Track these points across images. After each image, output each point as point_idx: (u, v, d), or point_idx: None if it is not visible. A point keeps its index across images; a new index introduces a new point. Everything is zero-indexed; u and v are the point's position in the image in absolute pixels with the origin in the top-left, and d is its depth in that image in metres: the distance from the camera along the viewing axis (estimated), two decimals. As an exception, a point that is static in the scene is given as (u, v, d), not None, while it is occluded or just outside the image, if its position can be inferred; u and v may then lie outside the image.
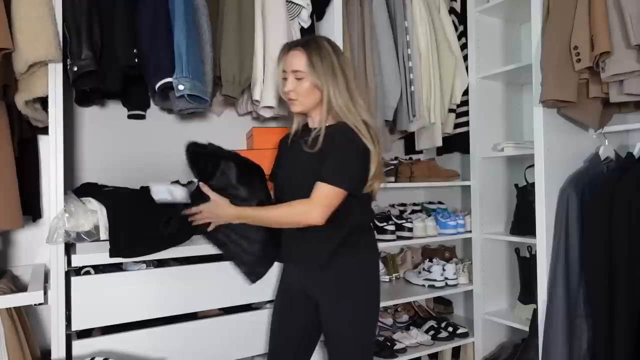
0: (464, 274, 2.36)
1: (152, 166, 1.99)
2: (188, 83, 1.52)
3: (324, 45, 1.43)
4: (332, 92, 1.40)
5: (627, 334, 1.55)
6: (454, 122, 2.37)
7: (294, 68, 1.42)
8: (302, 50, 1.41)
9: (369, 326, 1.45)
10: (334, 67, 1.41)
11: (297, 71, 1.41)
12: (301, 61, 1.41)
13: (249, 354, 1.70)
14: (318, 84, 1.40)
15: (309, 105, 1.46)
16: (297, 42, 1.48)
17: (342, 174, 1.35)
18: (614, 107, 1.85)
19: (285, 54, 1.45)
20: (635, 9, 1.51)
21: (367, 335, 1.45)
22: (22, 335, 1.39)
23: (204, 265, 1.62)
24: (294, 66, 1.42)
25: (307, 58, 1.40)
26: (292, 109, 1.49)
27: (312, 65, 1.39)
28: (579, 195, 1.76)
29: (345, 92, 1.41)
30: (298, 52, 1.42)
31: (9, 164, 1.40)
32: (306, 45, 1.42)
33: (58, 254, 1.39)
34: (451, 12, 2.38)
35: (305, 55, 1.40)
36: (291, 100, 1.46)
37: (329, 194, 1.34)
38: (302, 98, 1.44)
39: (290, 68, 1.43)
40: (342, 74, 1.42)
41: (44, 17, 1.33)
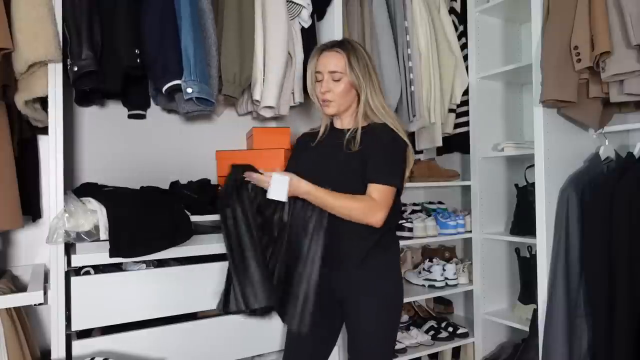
0: (464, 274, 2.36)
1: (152, 166, 1.99)
2: (196, 86, 1.52)
3: (358, 47, 1.46)
4: (370, 92, 1.42)
5: (627, 334, 1.55)
6: (454, 122, 2.37)
7: (331, 69, 1.42)
8: (340, 51, 1.42)
9: (392, 324, 1.48)
10: (369, 68, 1.44)
11: (335, 72, 1.42)
12: (340, 62, 1.41)
13: (249, 354, 1.69)
14: (356, 84, 1.42)
15: (343, 107, 1.47)
16: (331, 43, 1.48)
17: (393, 173, 1.39)
18: (614, 107, 1.85)
19: (319, 55, 1.46)
20: (635, 9, 1.51)
21: (390, 334, 1.47)
22: (22, 335, 1.39)
23: (204, 265, 1.62)
24: (331, 67, 1.42)
25: (346, 58, 1.41)
26: (326, 111, 1.48)
27: (351, 66, 1.41)
28: (579, 195, 1.76)
29: (379, 92, 1.45)
30: (335, 52, 1.43)
31: (9, 164, 1.39)
32: (342, 47, 1.44)
33: (58, 254, 1.39)
34: (451, 12, 2.38)
35: (344, 56, 1.41)
36: (326, 101, 1.45)
37: (387, 195, 1.37)
38: (338, 99, 1.44)
39: (327, 69, 1.43)
40: (375, 75, 1.46)
41: (44, 17, 1.33)
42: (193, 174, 1.96)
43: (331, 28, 1.92)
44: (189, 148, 2.08)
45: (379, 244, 1.43)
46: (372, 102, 1.43)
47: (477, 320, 2.31)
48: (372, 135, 1.42)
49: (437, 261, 2.35)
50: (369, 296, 1.42)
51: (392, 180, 1.38)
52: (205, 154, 2.05)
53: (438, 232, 2.28)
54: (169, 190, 1.79)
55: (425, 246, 2.65)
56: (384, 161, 1.39)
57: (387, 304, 1.44)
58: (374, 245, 1.42)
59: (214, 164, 2.00)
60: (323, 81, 1.44)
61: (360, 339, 1.44)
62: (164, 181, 1.85)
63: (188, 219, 1.55)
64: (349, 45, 1.45)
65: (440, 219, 2.31)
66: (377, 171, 1.38)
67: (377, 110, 1.43)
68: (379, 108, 1.44)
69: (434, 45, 2.22)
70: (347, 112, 1.49)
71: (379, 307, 1.42)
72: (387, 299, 1.44)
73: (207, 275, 1.61)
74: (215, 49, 1.64)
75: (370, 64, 1.45)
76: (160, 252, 1.49)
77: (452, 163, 2.62)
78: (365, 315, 1.42)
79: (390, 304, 1.45)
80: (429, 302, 2.68)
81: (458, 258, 2.55)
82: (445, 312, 2.64)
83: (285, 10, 1.80)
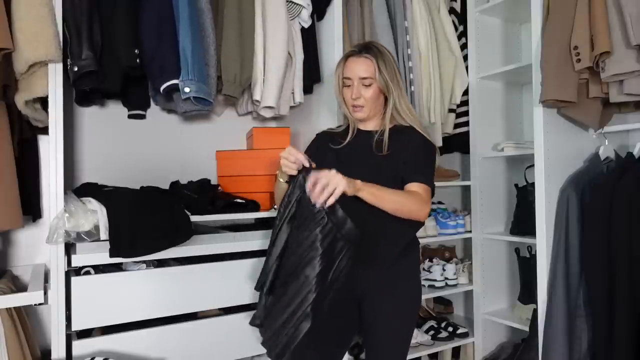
0: (464, 274, 2.36)
1: (152, 166, 1.99)
2: (194, 85, 1.52)
3: (385, 51, 1.48)
4: (397, 96, 1.46)
5: (627, 334, 1.55)
6: (454, 122, 2.37)
7: (361, 75, 1.44)
8: (369, 57, 1.44)
9: (411, 324, 1.50)
10: (396, 71, 1.47)
11: (366, 78, 1.43)
12: (370, 67, 1.43)
13: (249, 354, 1.69)
14: (384, 89, 1.45)
15: (373, 111, 1.49)
16: (358, 48, 1.48)
17: (430, 175, 1.43)
18: (614, 107, 1.85)
19: (345, 61, 1.47)
20: (635, 9, 1.51)
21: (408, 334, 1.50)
22: (22, 335, 1.39)
23: (204, 265, 1.62)
24: (361, 73, 1.44)
25: (375, 64, 1.43)
26: (356, 116, 1.49)
27: (380, 71, 1.43)
28: (579, 195, 1.76)
29: (405, 95, 1.49)
30: (364, 58, 1.44)
31: (9, 164, 1.39)
32: (371, 52, 1.45)
33: (58, 254, 1.39)
34: (451, 12, 2.38)
35: (374, 62, 1.43)
36: (358, 107, 1.47)
37: (429, 194, 1.41)
38: (369, 104, 1.46)
39: (358, 75, 1.44)
40: (400, 77, 1.49)
41: (44, 17, 1.33)
42: (193, 174, 1.96)
43: (331, 28, 1.93)
44: (189, 148, 2.08)
45: (407, 246, 1.47)
46: (400, 106, 1.46)
47: (477, 320, 2.31)
48: (402, 138, 1.45)
49: (437, 261, 2.35)
50: (391, 296, 1.44)
51: (430, 182, 1.42)
52: (205, 154, 2.05)
53: (438, 232, 2.28)
54: (169, 190, 1.79)
55: (425, 246, 2.65)
56: (423, 163, 1.43)
57: (408, 305, 1.47)
58: (404, 248, 1.46)
59: (214, 164, 2.00)
60: (353, 87, 1.45)
61: (380, 337, 1.45)
62: (164, 181, 1.85)
63: (188, 219, 1.55)
64: (376, 49, 1.46)
65: (440, 219, 2.31)
66: (417, 172, 1.40)
67: (404, 113, 1.47)
68: (406, 111, 1.47)
69: (434, 45, 2.22)
70: (375, 116, 1.51)
71: (401, 307, 1.44)
72: (408, 299, 1.47)
73: (207, 275, 1.61)
74: (214, 49, 1.64)
75: (396, 67, 1.48)
76: (160, 252, 1.49)
77: (452, 163, 2.63)
78: (387, 314, 1.43)
79: (410, 304, 1.48)
80: (428, 302, 2.68)
81: (458, 258, 2.55)
82: (445, 312, 2.64)
83: (285, 10, 1.80)
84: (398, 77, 1.47)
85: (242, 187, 1.86)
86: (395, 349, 1.45)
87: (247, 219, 2.02)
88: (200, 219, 1.61)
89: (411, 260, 1.50)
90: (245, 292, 1.67)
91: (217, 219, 1.67)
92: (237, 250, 1.68)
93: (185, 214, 1.55)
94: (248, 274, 1.68)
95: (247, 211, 1.73)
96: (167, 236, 1.49)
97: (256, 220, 2.07)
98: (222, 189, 1.90)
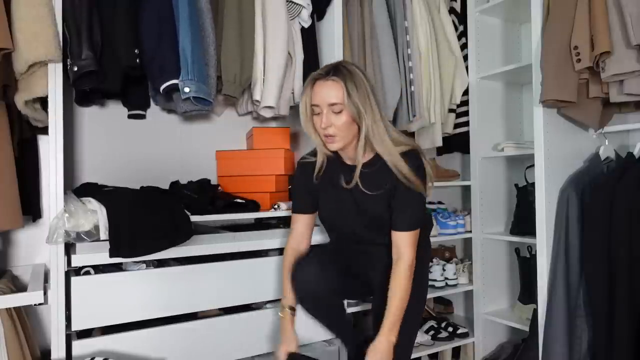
0: (464, 274, 2.36)
1: (152, 166, 1.99)
2: (193, 85, 1.52)
3: (355, 71, 1.33)
4: (371, 122, 1.32)
5: (627, 334, 1.55)
6: (454, 122, 2.37)
7: (330, 101, 1.30)
8: (337, 80, 1.30)
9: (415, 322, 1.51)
10: (369, 93, 1.32)
11: (335, 104, 1.30)
12: (339, 92, 1.30)
13: (249, 354, 1.69)
14: (356, 115, 1.31)
15: (348, 139, 1.36)
16: (325, 71, 1.34)
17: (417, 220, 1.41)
18: (614, 107, 1.85)
19: (312, 84, 1.35)
20: (635, 9, 1.50)
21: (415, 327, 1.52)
22: (22, 335, 1.39)
23: (204, 265, 1.62)
24: (330, 99, 1.30)
25: (344, 87, 1.30)
26: (330, 147, 1.37)
27: (349, 95, 1.29)
28: (579, 195, 1.76)
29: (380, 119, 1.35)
30: (332, 82, 1.31)
31: (9, 164, 1.39)
32: (338, 74, 1.31)
33: (58, 254, 1.39)
34: (451, 12, 2.38)
35: (342, 85, 1.30)
36: (329, 136, 1.34)
37: (413, 237, 1.40)
38: (342, 133, 1.33)
39: (326, 101, 1.31)
40: (375, 99, 1.34)
41: (43, 17, 1.33)
42: (193, 174, 1.97)
43: (331, 28, 1.93)
44: (189, 148, 2.08)
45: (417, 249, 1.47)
46: (373, 134, 1.33)
47: (477, 320, 2.31)
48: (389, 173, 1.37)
49: (437, 261, 2.35)
50: None
51: (416, 226, 1.41)
52: (205, 154, 2.05)
53: (438, 232, 2.28)
54: (169, 190, 1.79)
55: (425, 246, 2.65)
56: (410, 212, 1.39)
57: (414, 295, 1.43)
58: None
59: (214, 164, 2.00)
60: (322, 115, 1.32)
61: None
62: (164, 181, 1.85)
63: (188, 219, 1.55)
64: (345, 71, 1.32)
65: (440, 219, 2.31)
66: (403, 222, 1.39)
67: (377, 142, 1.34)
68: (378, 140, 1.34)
69: (434, 45, 2.22)
70: (351, 145, 1.39)
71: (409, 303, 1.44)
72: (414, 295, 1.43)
73: (207, 275, 1.61)
74: (214, 49, 1.64)
75: (369, 89, 1.33)
76: (160, 252, 1.49)
77: (452, 163, 2.62)
78: None
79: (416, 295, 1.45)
80: (429, 302, 2.67)
81: (458, 258, 2.55)
82: (445, 312, 2.64)
83: (285, 10, 1.80)
84: (371, 100, 1.32)
85: (242, 187, 1.87)
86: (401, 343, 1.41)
87: (247, 219, 2.03)
88: (200, 219, 1.61)
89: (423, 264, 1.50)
90: (245, 292, 1.67)
91: (217, 219, 1.67)
92: (237, 250, 1.68)
93: (185, 214, 1.55)
94: (248, 274, 1.68)
95: (247, 211, 1.73)
96: (167, 236, 1.49)
97: (256, 220, 2.07)
98: (222, 189, 1.90)
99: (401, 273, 1.38)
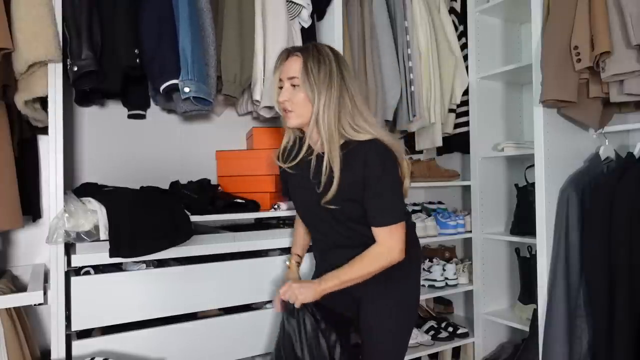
0: (464, 274, 2.36)
1: (152, 166, 1.99)
2: (193, 85, 1.52)
3: (326, 52, 1.30)
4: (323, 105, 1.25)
5: (627, 334, 1.55)
6: (454, 122, 2.37)
7: (289, 74, 1.30)
8: (299, 55, 1.29)
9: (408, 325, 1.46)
10: (333, 77, 1.27)
11: (293, 77, 1.29)
12: (296, 66, 1.28)
13: (249, 354, 1.69)
14: (309, 92, 1.27)
15: (305, 120, 1.32)
16: (296, 47, 1.36)
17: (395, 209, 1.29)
18: (614, 107, 1.85)
19: (284, 60, 1.34)
20: (635, 9, 1.50)
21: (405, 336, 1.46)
22: (22, 335, 1.39)
23: (204, 265, 1.62)
24: (289, 72, 1.30)
25: (302, 62, 1.28)
26: (287, 123, 1.34)
27: (306, 71, 1.26)
28: (579, 195, 1.76)
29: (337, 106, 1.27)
30: (295, 57, 1.30)
31: (9, 164, 1.39)
32: (304, 50, 1.30)
33: (58, 254, 1.39)
34: (451, 12, 2.38)
35: (301, 59, 1.28)
36: (287, 111, 1.32)
37: (398, 232, 1.30)
38: (298, 109, 1.30)
39: (287, 74, 1.31)
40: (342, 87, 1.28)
41: (43, 17, 1.33)
42: (193, 174, 1.97)
43: (331, 28, 1.92)
44: (189, 148, 2.08)
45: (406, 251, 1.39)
46: (322, 118, 1.25)
47: (477, 320, 2.31)
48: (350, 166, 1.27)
49: (437, 261, 2.35)
50: (388, 298, 1.40)
51: (397, 218, 1.29)
52: (205, 154, 2.05)
53: (438, 232, 2.28)
54: (169, 190, 1.79)
55: (425, 246, 2.65)
56: (381, 200, 1.28)
57: (405, 307, 1.42)
58: None
59: (214, 164, 2.00)
60: (283, 89, 1.31)
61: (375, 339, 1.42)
62: (164, 181, 1.85)
63: (188, 219, 1.55)
64: (313, 49, 1.29)
65: (440, 219, 2.31)
66: (379, 215, 1.29)
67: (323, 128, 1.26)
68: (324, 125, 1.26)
69: (434, 45, 2.22)
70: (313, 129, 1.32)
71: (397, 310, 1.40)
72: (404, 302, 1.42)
73: (207, 275, 1.61)
74: (214, 49, 1.64)
75: (336, 72, 1.27)
76: (160, 252, 1.49)
77: (452, 163, 2.63)
78: (383, 317, 1.40)
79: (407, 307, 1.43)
80: (429, 302, 2.68)
81: (458, 258, 2.55)
82: (445, 312, 2.64)
83: (285, 10, 1.80)
84: (334, 83, 1.26)
85: (242, 187, 1.87)
86: (390, 352, 1.42)
87: (247, 219, 2.03)
88: (200, 219, 1.61)
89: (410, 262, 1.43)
90: (245, 292, 1.67)
91: (217, 219, 1.67)
92: (237, 250, 1.68)
93: (185, 214, 1.55)
94: (248, 274, 1.68)
95: (247, 211, 1.73)
96: (167, 236, 1.49)
97: (256, 220, 2.07)
98: (222, 189, 1.90)
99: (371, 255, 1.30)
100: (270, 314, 1.71)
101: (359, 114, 1.31)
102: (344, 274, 1.32)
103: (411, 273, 1.46)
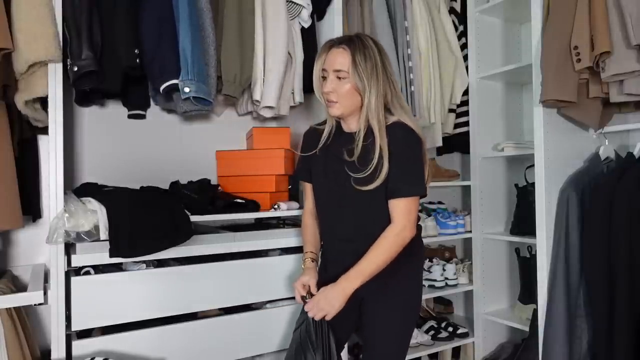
0: (464, 274, 2.37)
1: (152, 166, 1.99)
2: (193, 85, 1.52)
3: (369, 44, 1.36)
4: (373, 96, 1.33)
5: (627, 334, 1.55)
6: (454, 122, 2.37)
7: (335, 67, 1.34)
8: (347, 49, 1.34)
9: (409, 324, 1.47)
10: (378, 67, 1.34)
11: (340, 70, 1.34)
12: (345, 60, 1.33)
13: (249, 354, 1.70)
14: (359, 86, 1.33)
15: (349, 109, 1.38)
16: (339, 39, 1.39)
17: (414, 181, 1.33)
18: (614, 107, 1.85)
19: (327, 51, 1.38)
20: (635, 9, 1.51)
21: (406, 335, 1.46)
22: (22, 335, 1.39)
23: (204, 265, 1.62)
24: (336, 65, 1.34)
25: (350, 56, 1.33)
26: (330, 112, 1.40)
27: (355, 66, 1.32)
28: (579, 195, 1.76)
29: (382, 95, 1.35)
30: (342, 50, 1.34)
31: (9, 164, 1.39)
32: (350, 43, 1.35)
33: (58, 254, 1.39)
34: (451, 12, 2.38)
35: (349, 54, 1.33)
36: (331, 102, 1.37)
37: (411, 206, 1.33)
38: (344, 100, 1.36)
39: (332, 67, 1.35)
40: (386, 75, 1.36)
41: (44, 17, 1.33)
42: (193, 174, 1.97)
43: (331, 28, 1.92)
44: (189, 148, 2.08)
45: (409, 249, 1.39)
46: (372, 108, 1.33)
47: (477, 320, 2.31)
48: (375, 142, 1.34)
49: (437, 261, 2.35)
50: (391, 298, 1.41)
51: (415, 190, 1.33)
52: (205, 154, 2.05)
53: (438, 232, 2.28)
54: (169, 190, 1.79)
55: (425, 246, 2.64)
56: (401, 171, 1.32)
57: (407, 308, 1.43)
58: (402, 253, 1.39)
59: (214, 164, 2.00)
60: (327, 80, 1.36)
61: (377, 339, 1.43)
62: (164, 181, 1.85)
63: (188, 219, 1.55)
64: (358, 42, 1.35)
65: (440, 219, 2.31)
66: (397, 184, 1.32)
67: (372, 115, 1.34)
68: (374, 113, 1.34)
69: (434, 45, 2.22)
70: (353, 115, 1.40)
71: (399, 310, 1.41)
72: (407, 302, 1.43)
73: (207, 275, 1.61)
74: (214, 49, 1.64)
75: (379, 63, 1.34)
76: (160, 252, 1.49)
77: (452, 163, 2.63)
78: (385, 317, 1.41)
79: (410, 308, 1.44)
80: (428, 302, 2.68)
81: (458, 258, 2.55)
82: (445, 312, 2.64)
83: (285, 10, 1.80)
84: (379, 75, 1.34)
85: (242, 187, 1.87)
86: (392, 352, 1.43)
87: (247, 219, 2.03)
88: (200, 219, 1.61)
89: (413, 262, 1.45)
90: (245, 292, 1.67)
91: (217, 219, 1.67)
92: (237, 250, 1.68)
93: (185, 214, 1.55)
94: (248, 274, 1.68)
95: (247, 211, 1.73)
96: (167, 236, 1.49)
97: (256, 220, 2.07)
98: (222, 189, 1.90)
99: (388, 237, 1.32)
100: (270, 314, 1.71)
101: (397, 100, 1.39)
102: (367, 267, 1.31)
103: (415, 274, 1.47)
